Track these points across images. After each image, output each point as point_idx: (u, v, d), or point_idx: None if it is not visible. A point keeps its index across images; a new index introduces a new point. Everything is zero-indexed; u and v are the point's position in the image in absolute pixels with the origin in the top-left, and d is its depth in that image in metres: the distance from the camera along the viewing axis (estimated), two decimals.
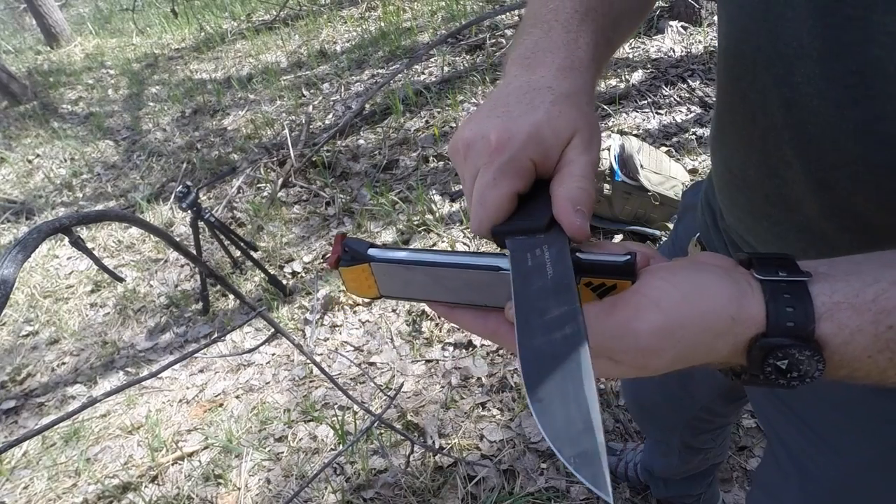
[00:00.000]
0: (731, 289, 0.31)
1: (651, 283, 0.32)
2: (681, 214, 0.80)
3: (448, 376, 1.73)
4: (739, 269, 0.34)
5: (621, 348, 0.31)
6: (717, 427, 1.00)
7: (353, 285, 0.39)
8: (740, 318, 0.31)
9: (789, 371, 0.31)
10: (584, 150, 0.37)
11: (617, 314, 0.31)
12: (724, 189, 0.56)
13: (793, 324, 0.30)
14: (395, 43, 3.80)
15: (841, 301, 0.30)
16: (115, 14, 7.12)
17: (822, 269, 0.32)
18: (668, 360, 0.31)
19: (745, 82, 0.44)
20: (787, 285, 0.31)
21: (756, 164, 0.47)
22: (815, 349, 0.30)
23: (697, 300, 0.31)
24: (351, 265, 0.38)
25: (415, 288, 0.38)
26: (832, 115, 0.37)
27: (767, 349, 0.31)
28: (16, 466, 1.79)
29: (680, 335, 0.31)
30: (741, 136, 0.48)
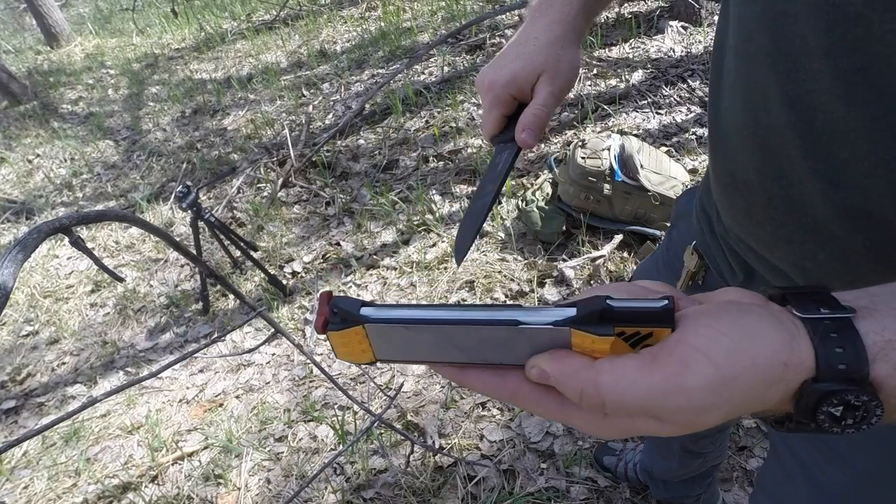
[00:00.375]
0: (781, 332, 0.29)
1: (696, 331, 0.29)
2: (674, 221, 0.79)
3: None
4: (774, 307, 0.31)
5: (669, 407, 0.28)
6: (717, 431, 1.00)
7: (343, 351, 0.34)
8: (792, 364, 0.28)
9: (844, 418, 0.28)
10: (546, 84, 0.55)
11: (662, 369, 0.28)
12: (722, 193, 0.55)
13: (845, 366, 0.27)
14: (395, 43, 3.80)
15: (893, 339, 0.28)
16: (115, 14, 7.12)
17: (862, 303, 0.30)
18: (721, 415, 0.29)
19: (746, 81, 0.44)
20: (832, 323, 0.28)
21: (758, 166, 0.47)
22: (871, 393, 0.28)
23: (749, 348, 0.28)
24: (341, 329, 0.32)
25: (418, 349, 0.33)
26: (840, 112, 0.37)
27: (820, 395, 0.28)
28: (16, 466, 1.79)
29: (734, 388, 0.28)
30: (742, 137, 0.47)
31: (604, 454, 1.41)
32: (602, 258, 1.91)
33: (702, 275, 0.68)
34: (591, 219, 1.98)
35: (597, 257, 1.92)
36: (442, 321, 0.32)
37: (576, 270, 1.91)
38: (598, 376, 0.29)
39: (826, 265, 0.46)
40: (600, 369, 0.29)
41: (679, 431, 0.30)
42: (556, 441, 1.50)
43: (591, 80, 2.84)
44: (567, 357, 0.30)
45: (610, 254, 1.93)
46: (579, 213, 1.98)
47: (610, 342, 0.29)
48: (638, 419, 0.29)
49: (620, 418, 0.30)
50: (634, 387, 0.28)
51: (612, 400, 0.28)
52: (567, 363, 0.30)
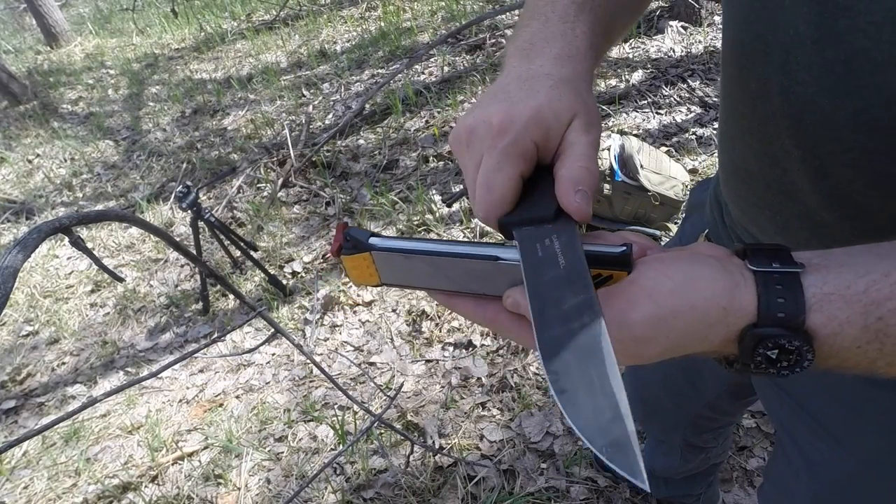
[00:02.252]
0: (724, 280, 0.32)
1: (645, 273, 0.32)
2: (689, 212, 0.80)
3: (448, 376, 1.73)
4: (734, 260, 0.34)
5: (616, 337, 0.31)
6: (721, 426, 1.00)
7: (354, 273, 0.40)
8: (732, 309, 0.31)
9: (779, 360, 0.31)
10: (583, 131, 0.37)
11: (611, 304, 0.32)
12: (728, 181, 0.56)
13: (783, 314, 0.30)
14: (395, 43, 3.80)
15: (832, 292, 0.31)
16: (115, 14, 7.12)
17: (815, 261, 0.32)
18: (661, 348, 0.32)
19: (745, 71, 0.45)
20: (780, 276, 0.31)
21: (757, 154, 0.47)
22: (804, 339, 0.30)
23: (690, 290, 0.31)
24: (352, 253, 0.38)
25: (415, 276, 0.38)
26: (827, 104, 0.38)
27: (758, 339, 0.31)
28: (16, 466, 1.79)
29: (672, 324, 0.31)
30: (742, 125, 0.48)
31: None
32: None
33: None
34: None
35: None
36: (434, 252, 0.36)
37: None
38: None
39: None
40: None
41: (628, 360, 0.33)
42: (556, 441, 1.50)
43: None
44: None
45: None
46: None
47: None
48: None
49: None
50: None
51: None
52: None
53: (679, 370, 0.85)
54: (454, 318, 1.91)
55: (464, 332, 1.86)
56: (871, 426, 0.52)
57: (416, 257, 0.37)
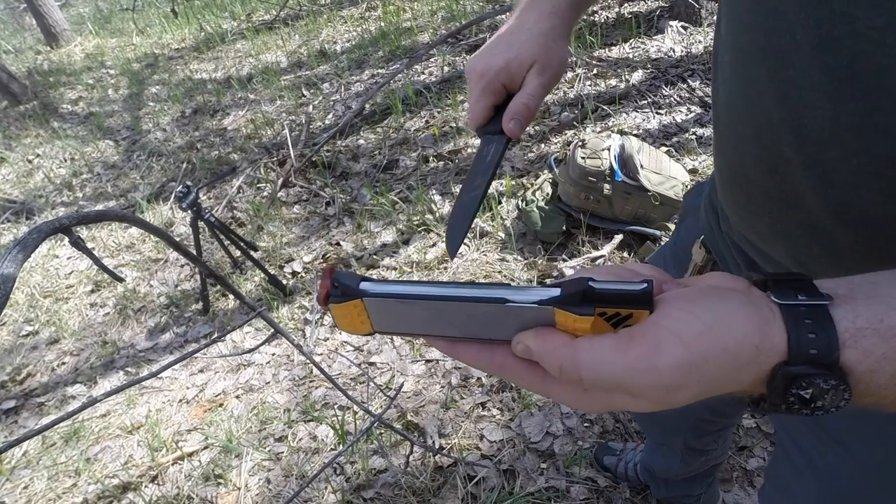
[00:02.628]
0: (754, 317, 0.30)
1: (670, 314, 0.30)
2: (682, 216, 0.80)
3: (448, 376, 1.73)
4: (755, 292, 0.32)
5: (642, 384, 0.29)
6: (721, 428, 1.00)
7: (344, 322, 0.36)
8: (764, 348, 0.29)
9: (813, 401, 0.29)
10: (536, 74, 0.55)
11: (636, 349, 0.29)
12: (725, 188, 0.56)
13: (816, 351, 0.29)
14: (395, 43, 3.80)
15: (865, 327, 0.29)
16: (115, 14, 7.12)
17: (841, 292, 0.31)
18: (691, 394, 0.30)
19: (742, 78, 0.44)
20: (808, 310, 0.29)
21: (755, 162, 0.47)
22: (839, 378, 0.29)
23: (721, 331, 0.29)
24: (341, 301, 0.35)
25: (412, 323, 0.35)
26: (828, 109, 0.37)
27: (790, 378, 0.29)
28: (16, 466, 1.79)
29: (704, 369, 0.29)
30: (739, 132, 0.48)
31: (604, 454, 1.41)
32: (602, 258, 1.91)
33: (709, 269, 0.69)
34: (591, 219, 1.98)
35: (597, 257, 1.92)
36: (433, 297, 0.33)
37: (576, 270, 1.91)
38: (577, 353, 0.30)
39: (820, 259, 0.47)
40: (579, 347, 0.30)
41: (653, 407, 0.31)
42: (556, 441, 1.50)
43: (591, 80, 2.84)
44: (550, 334, 0.32)
45: (610, 254, 1.93)
46: (579, 213, 1.98)
47: (590, 321, 0.31)
48: (614, 394, 0.31)
49: (598, 393, 0.32)
50: (609, 364, 0.29)
51: (588, 376, 0.30)
52: (549, 340, 0.31)
53: None
54: None
55: None
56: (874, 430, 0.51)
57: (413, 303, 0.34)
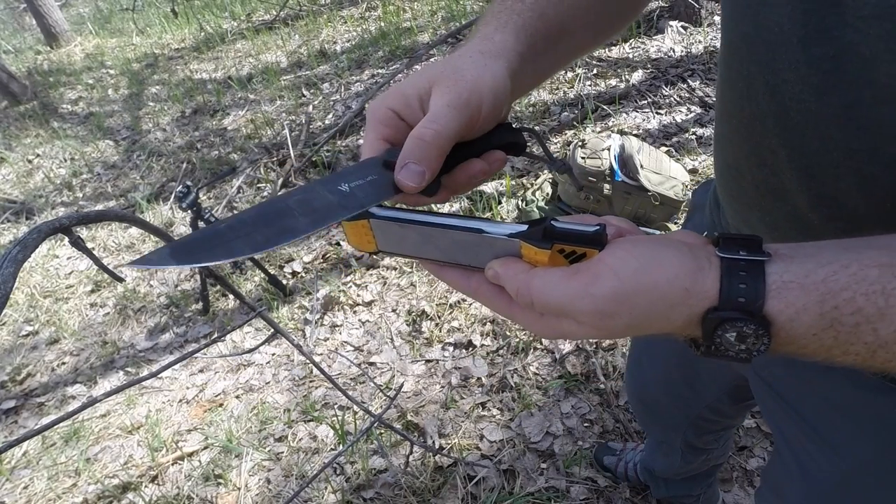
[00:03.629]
0: (689, 263, 0.33)
1: (613, 252, 0.34)
2: (690, 213, 0.80)
3: (448, 376, 1.73)
4: (707, 248, 0.35)
5: (580, 309, 0.33)
6: (722, 428, 1.00)
7: (353, 239, 0.43)
8: (694, 291, 0.32)
9: (737, 343, 0.33)
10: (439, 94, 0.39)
11: (578, 278, 0.33)
12: (721, 181, 0.56)
13: (743, 299, 0.31)
14: (395, 43, 3.80)
15: (791, 280, 0.32)
16: (115, 14, 7.12)
17: (783, 251, 0.33)
18: (623, 323, 0.33)
19: (733, 71, 0.45)
20: (745, 263, 0.32)
21: (746, 155, 0.48)
22: (761, 324, 0.31)
23: (653, 270, 0.32)
24: (352, 220, 0.40)
25: (408, 245, 0.41)
26: (813, 102, 0.38)
27: (717, 322, 0.32)
28: (16, 466, 1.79)
29: (634, 301, 0.32)
30: (732, 126, 0.48)
31: (604, 454, 1.41)
32: None
33: None
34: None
35: None
36: (426, 223, 0.39)
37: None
38: (531, 279, 0.35)
39: None
40: (534, 274, 0.35)
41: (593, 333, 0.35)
42: (556, 441, 1.50)
43: (591, 80, 2.84)
44: (514, 262, 0.37)
45: None
46: (579, 213, 1.98)
47: (548, 255, 0.35)
48: (562, 320, 0.35)
49: (550, 318, 0.36)
50: (555, 289, 0.34)
51: (538, 299, 0.34)
52: (512, 267, 0.36)
53: (678, 372, 0.86)
54: (454, 319, 1.91)
55: (464, 332, 1.86)
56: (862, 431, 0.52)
57: (409, 227, 0.39)
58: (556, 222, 0.36)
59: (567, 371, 1.65)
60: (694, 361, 0.81)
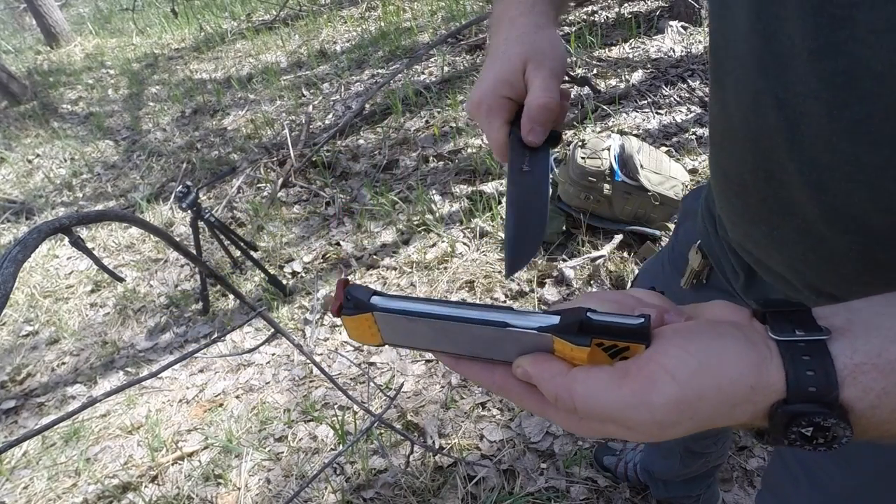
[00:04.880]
0: (750, 355, 0.30)
1: (666, 350, 0.30)
2: (681, 219, 0.79)
3: (448, 376, 1.73)
4: (755, 326, 0.32)
5: (635, 418, 0.30)
6: (720, 431, 1.00)
7: (355, 333, 0.38)
8: (759, 387, 0.29)
9: (815, 438, 0.29)
10: (536, 69, 0.49)
11: (630, 384, 0.30)
12: (721, 195, 0.56)
13: (815, 389, 0.28)
14: (395, 43, 3.80)
15: (864, 362, 0.28)
16: (115, 14, 7.12)
17: (838, 322, 0.30)
18: (684, 430, 0.30)
19: (740, 84, 0.44)
20: (806, 346, 0.29)
21: (751, 168, 0.47)
22: (840, 416, 0.28)
23: (715, 370, 0.29)
24: (353, 314, 0.36)
25: (419, 338, 0.37)
26: (824, 116, 0.37)
27: (790, 417, 0.29)
28: (16, 466, 1.79)
29: (697, 407, 0.29)
30: (736, 139, 0.48)
31: (604, 454, 1.41)
32: (602, 258, 1.91)
33: (705, 273, 0.68)
34: (591, 219, 1.98)
35: (597, 257, 1.92)
36: (440, 316, 0.35)
37: (576, 270, 1.91)
38: (572, 384, 0.31)
39: (818, 267, 0.47)
40: (575, 377, 0.31)
41: (645, 440, 0.32)
42: (556, 441, 1.50)
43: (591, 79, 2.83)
44: (547, 361, 0.33)
45: (610, 254, 1.93)
46: (579, 213, 1.98)
47: (587, 352, 0.31)
48: (608, 425, 0.31)
49: (593, 422, 0.32)
50: (603, 397, 0.30)
51: (582, 406, 0.31)
52: (546, 367, 0.32)
53: None
54: None
55: None
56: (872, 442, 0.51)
57: (420, 320, 0.35)
58: (594, 314, 0.32)
59: None
60: None
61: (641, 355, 0.31)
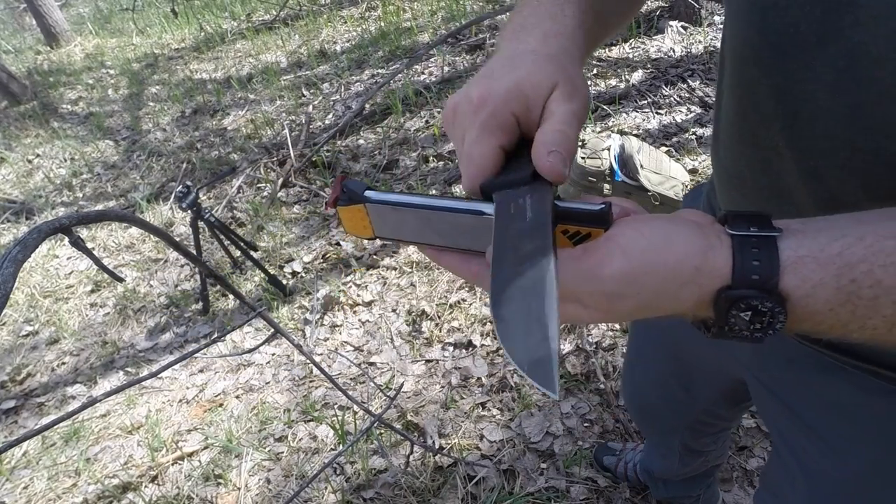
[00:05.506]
0: (699, 241, 0.32)
1: (621, 231, 0.33)
2: None
3: (448, 376, 1.73)
4: (715, 226, 0.34)
5: (588, 291, 0.32)
6: (719, 430, 1.00)
7: (349, 225, 0.41)
8: (705, 269, 0.31)
9: (752, 322, 0.31)
10: (564, 100, 0.38)
11: (585, 259, 0.32)
12: (721, 187, 0.56)
13: (757, 276, 0.31)
14: (395, 43, 3.80)
15: (806, 255, 0.31)
16: (115, 14, 7.12)
17: (794, 226, 0.33)
18: (632, 304, 0.32)
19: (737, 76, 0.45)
20: (757, 240, 0.32)
21: (750, 159, 0.47)
22: (777, 301, 0.31)
23: (662, 249, 0.31)
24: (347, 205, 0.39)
25: (406, 230, 0.39)
26: (824, 101, 0.38)
27: (731, 300, 0.31)
28: (16, 466, 1.79)
29: (643, 281, 0.31)
30: (734, 131, 0.48)
31: (604, 454, 1.41)
32: None
33: None
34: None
35: None
36: (424, 206, 0.37)
37: None
38: None
39: None
40: None
41: (599, 317, 0.33)
42: (556, 441, 1.50)
43: (591, 80, 2.83)
44: None
45: None
46: None
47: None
48: (567, 304, 0.33)
49: None
50: (562, 272, 0.31)
51: None
52: None
53: (673, 377, 0.85)
54: (454, 319, 1.91)
55: (464, 332, 1.86)
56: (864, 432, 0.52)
57: (407, 210, 0.38)
58: (559, 202, 0.34)
59: (567, 371, 1.65)
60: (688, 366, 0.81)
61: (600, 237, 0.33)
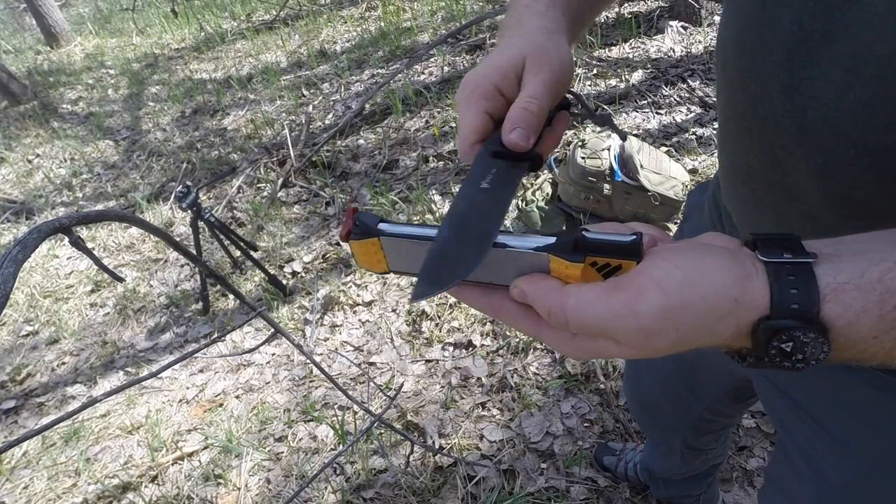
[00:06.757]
0: (735, 271, 0.31)
1: (655, 263, 0.32)
2: (686, 214, 0.80)
3: (448, 376, 1.73)
4: (744, 251, 0.33)
5: (623, 329, 0.31)
6: (721, 428, 1.00)
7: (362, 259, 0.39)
8: (743, 301, 0.30)
9: (794, 353, 0.30)
10: (533, 72, 0.43)
11: (619, 295, 0.31)
12: (729, 184, 0.56)
13: (797, 306, 0.29)
14: (395, 43, 3.80)
15: (845, 282, 0.30)
16: (115, 14, 7.12)
17: (827, 250, 0.32)
18: (670, 341, 0.31)
19: (745, 72, 0.45)
20: (792, 267, 0.30)
21: (758, 156, 0.47)
22: (819, 331, 0.30)
23: (700, 282, 0.30)
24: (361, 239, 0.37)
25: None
26: (832, 99, 0.38)
27: (772, 331, 0.30)
28: (16, 466, 1.79)
29: (682, 317, 0.30)
30: (742, 128, 0.48)
31: (604, 454, 1.41)
32: None
33: None
34: (590, 219, 1.98)
35: None
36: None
37: None
38: (565, 298, 0.32)
39: None
40: (567, 292, 0.32)
41: (634, 354, 0.32)
42: (556, 441, 1.50)
43: (591, 80, 2.84)
44: (542, 279, 0.34)
45: None
46: (579, 213, 1.98)
47: (580, 269, 0.32)
48: (599, 340, 0.32)
49: (585, 339, 0.33)
50: (593, 308, 0.31)
51: (574, 319, 0.31)
52: (541, 284, 0.33)
53: (678, 375, 0.85)
54: (454, 319, 1.91)
55: (464, 332, 1.86)
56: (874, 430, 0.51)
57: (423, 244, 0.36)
58: (588, 232, 0.33)
59: (567, 371, 1.65)
60: (693, 364, 0.81)
61: (632, 270, 0.32)
